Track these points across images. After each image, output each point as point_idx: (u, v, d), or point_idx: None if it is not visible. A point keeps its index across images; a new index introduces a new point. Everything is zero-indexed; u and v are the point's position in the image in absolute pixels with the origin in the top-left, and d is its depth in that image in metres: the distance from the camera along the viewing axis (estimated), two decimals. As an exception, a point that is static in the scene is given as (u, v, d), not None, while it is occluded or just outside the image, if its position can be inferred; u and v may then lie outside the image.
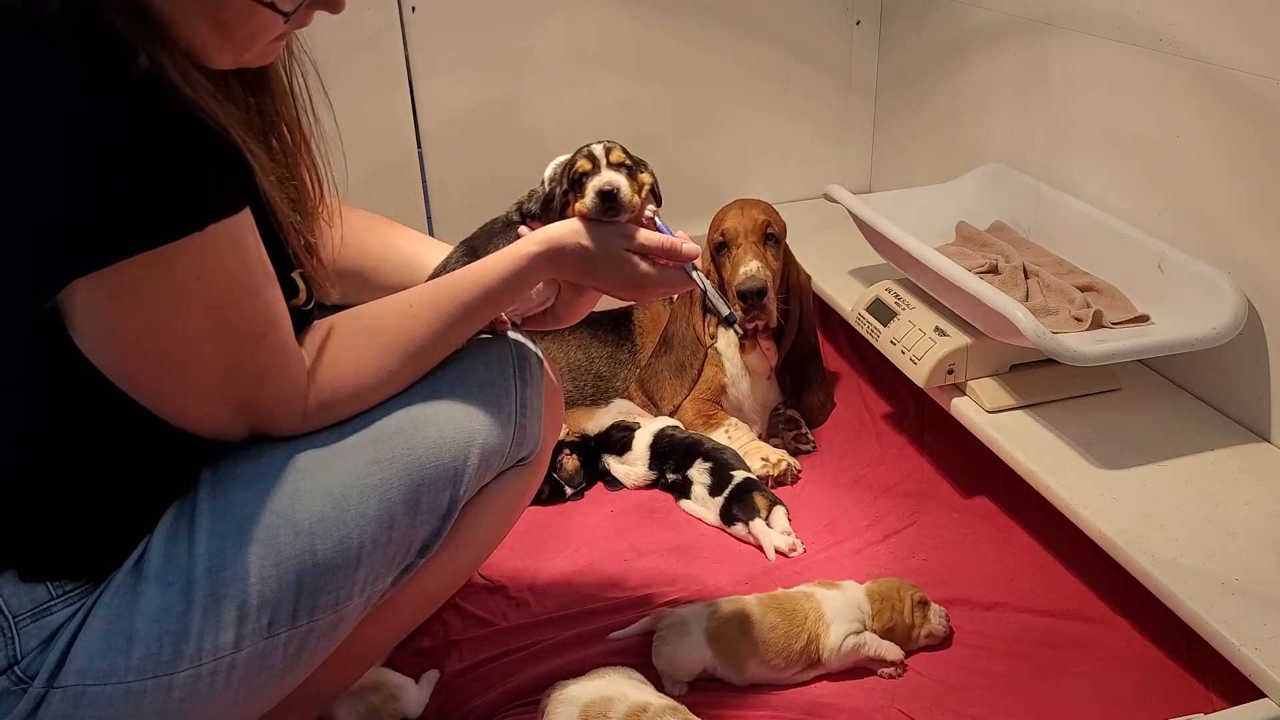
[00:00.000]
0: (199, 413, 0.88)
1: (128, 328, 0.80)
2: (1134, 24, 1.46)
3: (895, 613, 1.25)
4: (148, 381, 0.84)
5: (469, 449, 1.00)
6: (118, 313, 0.79)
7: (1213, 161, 1.37)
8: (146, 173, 0.75)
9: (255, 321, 0.85)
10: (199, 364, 0.84)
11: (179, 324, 0.81)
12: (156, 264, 0.77)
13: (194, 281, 0.80)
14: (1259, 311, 1.33)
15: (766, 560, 1.45)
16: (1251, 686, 1.04)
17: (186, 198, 0.78)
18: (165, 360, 0.83)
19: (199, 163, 0.78)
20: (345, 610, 0.94)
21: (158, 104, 0.76)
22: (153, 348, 0.81)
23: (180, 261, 0.78)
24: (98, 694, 0.84)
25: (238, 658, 0.88)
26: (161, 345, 0.82)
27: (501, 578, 1.43)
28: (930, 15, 1.94)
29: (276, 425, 0.92)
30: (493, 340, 1.07)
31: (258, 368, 0.87)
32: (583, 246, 1.03)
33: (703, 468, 1.57)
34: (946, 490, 1.59)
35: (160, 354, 0.82)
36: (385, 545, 0.95)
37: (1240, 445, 1.35)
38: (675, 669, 1.23)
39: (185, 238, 0.77)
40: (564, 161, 1.11)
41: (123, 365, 0.82)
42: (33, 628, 0.84)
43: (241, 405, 0.88)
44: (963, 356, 1.44)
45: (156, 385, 0.84)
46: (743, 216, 1.66)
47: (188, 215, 0.78)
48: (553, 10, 1.90)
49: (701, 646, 1.22)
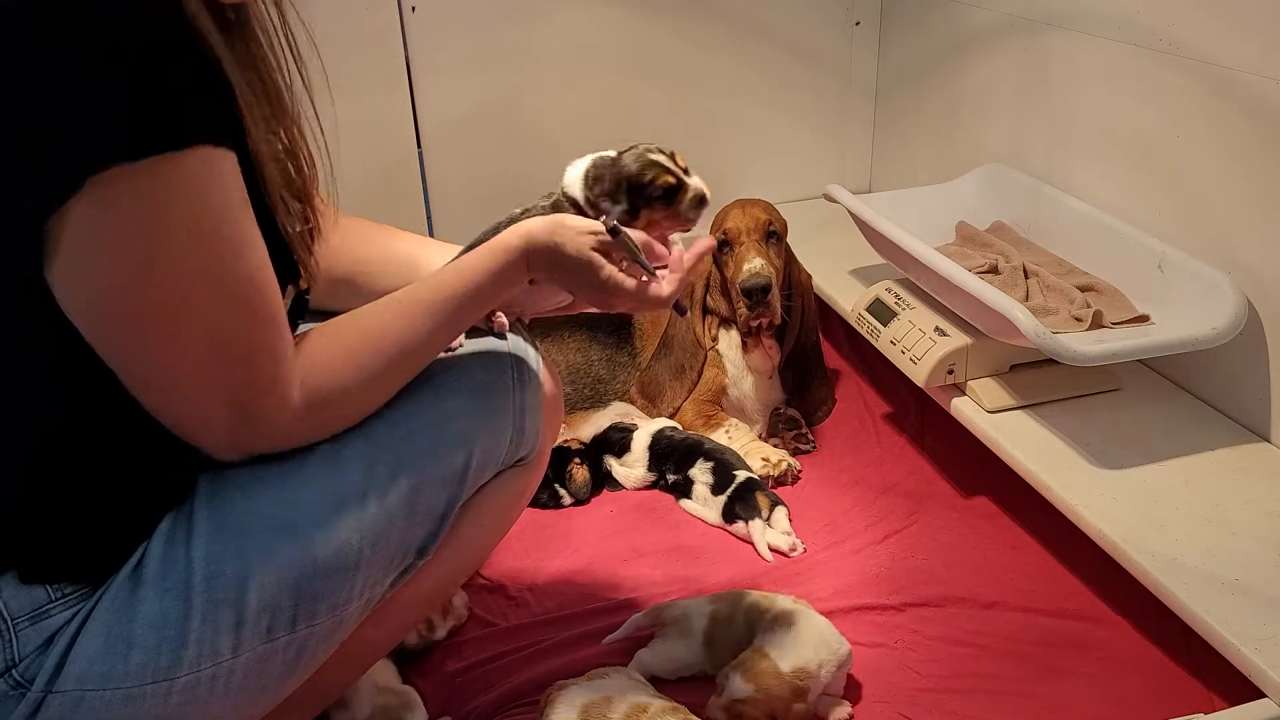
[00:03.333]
0: (185, 399, 0.83)
1: (114, 277, 0.76)
2: (1134, 24, 1.46)
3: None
4: (134, 351, 0.80)
5: (467, 450, 0.99)
6: (104, 255, 0.76)
7: (1213, 161, 1.37)
8: (136, 84, 0.73)
9: (242, 284, 0.81)
10: (185, 331, 0.80)
11: (165, 272, 0.77)
12: (136, 180, 0.74)
13: (176, 213, 0.76)
14: (1259, 311, 1.33)
15: (767, 560, 1.45)
16: (1251, 686, 1.04)
17: (168, 115, 0.75)
18: (150, 320, 0.79)
19: (188, 86, 0.76)
20: (344, 613, 0.94)
21: (160, 21, 0.74)
22: (136, 302, 0.78)
23: (163, 182, 0.75)
24: (96, 699, 0.84)
25: (237, 663, 0.88)
26: (146, 301, 0.78)
27: (501, 578, 1.43)
28: (930, 15, 1.94)
29: (264, 422, 0.86)
30: (491, 340, 1.07)
31: (246, 345, 0.82)
32: (553, 244, 0.98)
33: (705, 467, 1.57)
34: (946, 490, 1.59)
35: (145, 312, 0.78)
36: (383, 548, 0.95)
37: (1240, 445, 1.35)
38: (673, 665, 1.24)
39: (164, 154, 0.74)
40: (602, 165, 1.06)
41: (106, 322, 0.79)
42: (31, 630, 0.84)
43: (229, 391, 0.83)
44: (963, 356, 1.44)
45: (141, 355, 0.80)
46: (744, 215, 1.66)
47: (168, 132, 0.75)
48: (553, 10, 1.90)
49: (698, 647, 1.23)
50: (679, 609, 1.27)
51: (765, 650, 1.16)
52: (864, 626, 1.32)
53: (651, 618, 1.28)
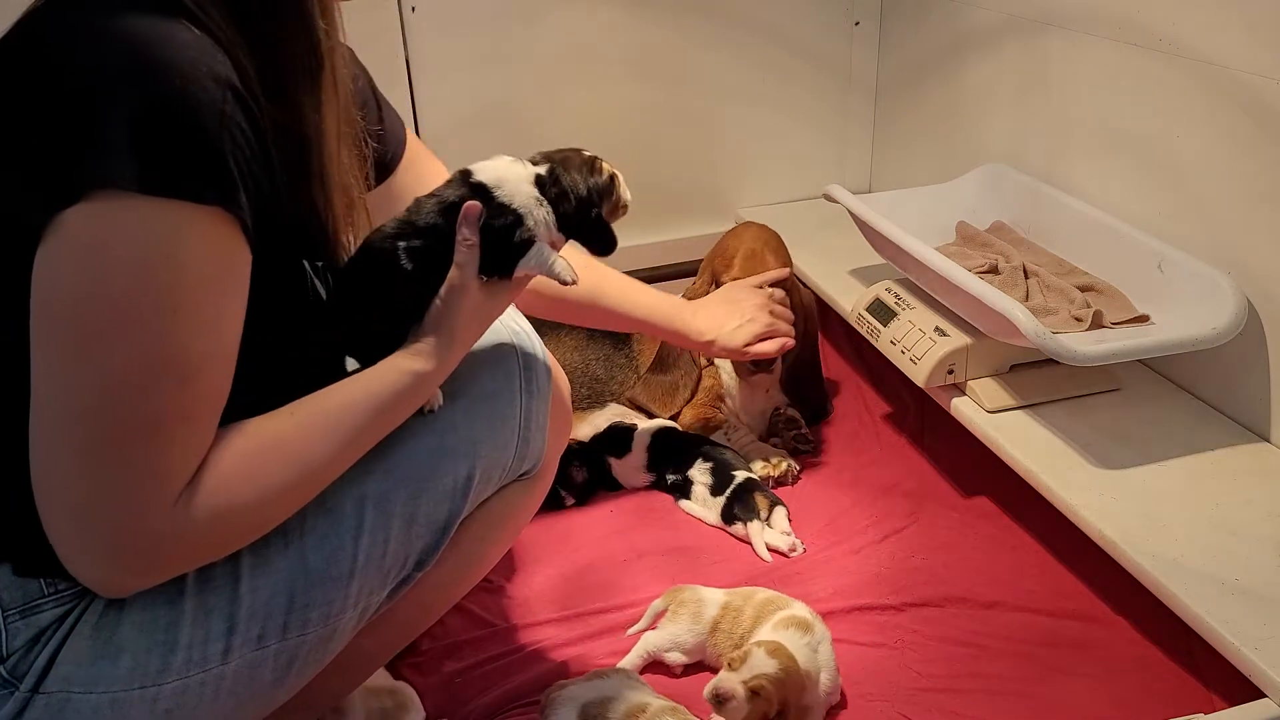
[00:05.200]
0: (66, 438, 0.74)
1: (75, 284, 0.73)
2: (1134, 24, 1.46)
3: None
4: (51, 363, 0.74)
5: (470, 461, 0.98)
6: (74, 260, 0.73)
7: (1213, 162, 1.37)
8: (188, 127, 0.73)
9: (187, 354, 0.75)
10: (103, 355, 0.73)
11: (116, 303, 0.73)
12: (137, 209, 0.72)
13: (161, 257, 0.73)
14: (1259, 311, 1.33)
15: (765, 560, 1.45)
16: (1251, 686, 1.04)
17: (205, 168, 0.74)
18: (78, 339, 0.73)
19: (237, 142, 0.75)
20: (338, 623, 0.92)
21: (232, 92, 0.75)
22: (80, 314, 0.73)
23: (166, 224, 0.73)
24: (82, 702, 0.83)
25: (226, 670, 0.87)
26: (88, 315, 0.73)
27: (501, 578, 1.43)
28: (930, 15, 1.94)
29: (133, 511, 0.75)
30: (499, 348, 1.04)
31: (153, 412, 0.74)
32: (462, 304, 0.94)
33: (704, 468, 1.57)
34: (946, 490, 1.59)
35: (80, 328, 0.73)
36: (380, 558, 0.93)
37: (1240, 445, 1.35)
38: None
39: (183, 201, 0.72)
40: (541, 177, 0.98)
41: (43, 324, 0.74)
42: (20, 624, 0.83)
43: (108, 452, 0.74)
44: (963, 356, 1.44)
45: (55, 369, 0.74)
46: (751, 269, 1.64)
47: (197, 183, 0.74)
48: (553, 10, 1.90)
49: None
50: (695, 593, 1.29)
51: (781, 643, 1.15)
52: (864, 626, 1.32)
53: (667, 599, 1.29)
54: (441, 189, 0.97)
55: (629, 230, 2.06)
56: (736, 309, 1.54)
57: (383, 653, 1.11)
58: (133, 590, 0.82)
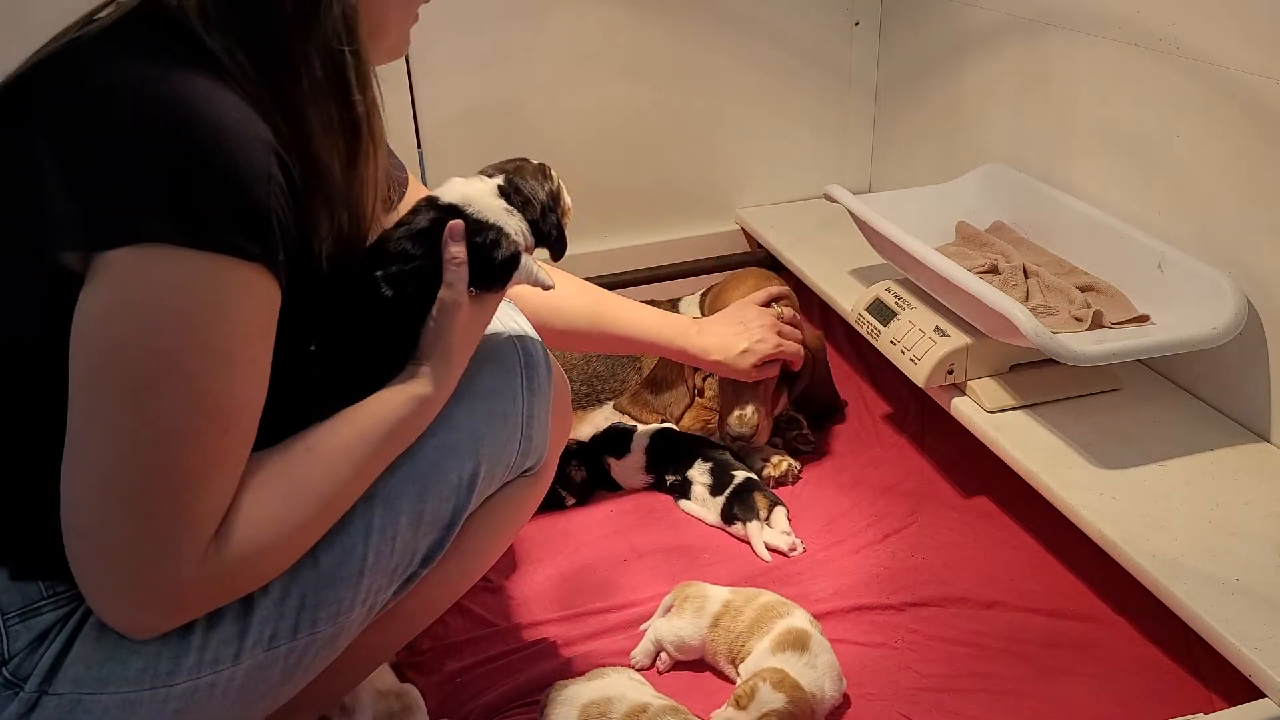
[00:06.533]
0: (102, 480, 0.76)
1: (118, 324, 0.75)
2: (1134, 24, 1.46)
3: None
4: (100, 401, 0.76)
5: (474, 458, 0.99)
6: (120, 302, 0.75)
7: (1213, 161, 1.37)
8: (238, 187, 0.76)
9: (233, 404, 0.78)
10: (152, 405, 0.75)
11: (159, 350, 0.75)
12: (184, 260, 0.74)
13: (203, 307, 0.76)
14: (1259, 311, 1.33)
15: (765, 560, 1.45)
16: (1251, 686, 1.04)
17: (253, 226, 0.77)
18: (120, 382, 0.75)
19: (275, 207, 0.78)
20: (346, 621, 0.93)
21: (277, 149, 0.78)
22: (120, 358, 0.75)
23: (213, 276, 0.76)
24: (93, 703, 0.83)
25: (237, 670, 0.87)
26: (128, 362, 0.75)
27: (501, 577, 1.43)
28: (930, 15, 1.94)
29: (169, 560, 0.78)
30: (500, 346, 1.05)
31: (197, 462, 0.77)
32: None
33: (703, 468, 1.57)
34: (946, 490, 1.59)
35: (122, 374, 0.75)
36: (388, 556, 0.94)
37: (1240, 445, 1.35)
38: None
39: (232, 257, 0.75)
40: (503, 188, 1.00)
41: (88, 367, 0.76)
42: (21, 627, 0.83)
43: (150, 500, 0.76)
44: (963, 356, 1.44)
45: (95, 414, 0.76)
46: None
47: (245, 239, 0.76)
48: (553, 10, 1.90)
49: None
50: (701, 589, 1.29)
51: (781, 668, 1.14)
52: (864, 626, 1.32)
53: (676, 594, 1.29)
54: (409, 217, 0.98)
55: (629, 230, 2.10)
56: (745, 329, 1.53)
57: (386, 649, 1.11)
58: (159, 632, 0.84)
